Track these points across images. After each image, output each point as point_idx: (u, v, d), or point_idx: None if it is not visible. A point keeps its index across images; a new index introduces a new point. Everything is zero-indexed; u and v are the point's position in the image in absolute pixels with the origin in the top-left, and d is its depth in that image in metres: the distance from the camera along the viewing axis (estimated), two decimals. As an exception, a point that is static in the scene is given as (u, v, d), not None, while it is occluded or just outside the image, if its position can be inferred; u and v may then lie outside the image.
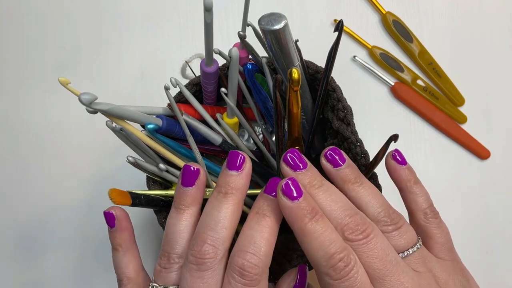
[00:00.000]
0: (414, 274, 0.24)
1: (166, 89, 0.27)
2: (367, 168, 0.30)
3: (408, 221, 0.28)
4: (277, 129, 0.28)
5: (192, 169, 0.27)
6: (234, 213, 0.25)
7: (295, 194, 0.24)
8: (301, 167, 0.26)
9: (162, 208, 0.31)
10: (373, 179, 0.31)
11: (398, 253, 0.25)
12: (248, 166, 0.26)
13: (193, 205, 0.27)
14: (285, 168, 0.26)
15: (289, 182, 0.24)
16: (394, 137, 0.26)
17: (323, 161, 0.28)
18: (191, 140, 0.29)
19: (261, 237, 0.24)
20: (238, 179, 0.26)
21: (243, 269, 0.23)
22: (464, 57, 0.51)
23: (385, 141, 0.28)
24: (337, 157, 0.27)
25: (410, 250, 0.25)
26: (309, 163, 0.27)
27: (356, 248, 0.24)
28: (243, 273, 0.23)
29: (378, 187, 0.31)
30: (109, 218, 0.29)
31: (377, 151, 0.29)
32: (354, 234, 0.24)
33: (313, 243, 0.24)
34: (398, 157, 0.29)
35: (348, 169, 0.27)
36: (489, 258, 0.48)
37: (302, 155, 0.27)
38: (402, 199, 0.30)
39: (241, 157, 0.26)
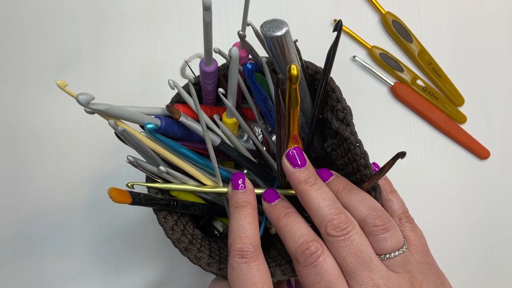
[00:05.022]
0: (386, 272, 0.26)
1: (190, 82, 0.28)
2: (369, 180, 0.30)
3: None
4: (279, 129, 0.28)
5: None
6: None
7: (273, 198, 0.30)
8: (300, 164, 0.29)
9: (162, 207, 0.31)
10: (376, 191, 0.31)
11: (383, 255, 0.27)
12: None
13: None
14: (286, 164, 0.29)
15: (267, 191, 0.31)
16: (401, 155, 0.26)
17: None
18: (207, 135, 0.29)
19: (247, 223, 0.28)
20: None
21: (242, 250, 0.27)
22: (464, 57, 0.51)
23: (392, 157, 0.27)
24: (324, 174, 0.31)
25: (393, 254, 0.27)
26: (308, 162, 0.29)
27: (334, 243, 0.26)
28: (242, 254, 0.27)
29: (379, 200, 0.31)
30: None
31: (383, 165, 0.29)
32: (335, 231, 0.26)
33: (286, 235, 0.28)
34: (376, 169, 0.32)
35: (335, 181, 0.31)
36: (489, 258, 0.48)
37: (304, 154, 0.29)
38: None
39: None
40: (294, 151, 0.29)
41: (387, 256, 0.27)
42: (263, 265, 0.28)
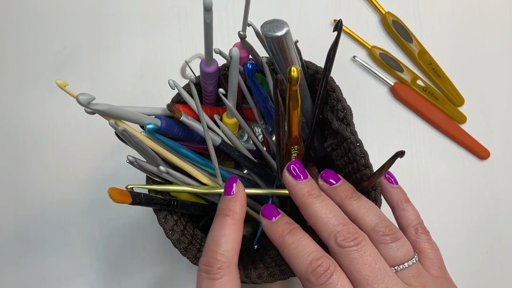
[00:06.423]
0: (402, 285, 0.25)
1: (191, 82, 0.27)
2: (369, 180, 0.30)
3: None
4: (278, 128, 0.28)
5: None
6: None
7: (273, 214, 0.29)
8: (302, 178, 0.28)
9: (162, 207, 0.31)
10: (376, 191, 0.31)
11: (394, 266, 0.25)
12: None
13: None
14: (288, 177, 0.28)
15: (266, 207, 0.29)
16: (401, 154, 0.26)
17: (320, 181, 0.29)
18: (207, 134, 0.29)
19: (222, 235, 0.27)
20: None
21: (207, 265, 0.26)
22: (464, 57, 0.51)
23: (391, 156, 0.27)
24: (331, 177, 0.30)
25: (406, 264, 0.26)
26: (309, 176, 0.29)
27: (347, 254, 0.25)
28: (207, 269, 0.26)
29: (378, 200, 0.31)
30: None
31: (382, 164, 0.29)
32: (346, 241, 0.25)
33: (292, 253, 0.26)
34: (390, 177, 0.32)
35: (343, 186, 0.29)
36: (489, 258, 0.48)
37: (304, 168, 0.29)
38: (394, 217, 0.31)
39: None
40: (295, 166, 0.28)
41: (399, 267, 0.26)
42: (230, 284, 0.25)
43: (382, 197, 0.31)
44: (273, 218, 0.28)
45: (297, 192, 0.28)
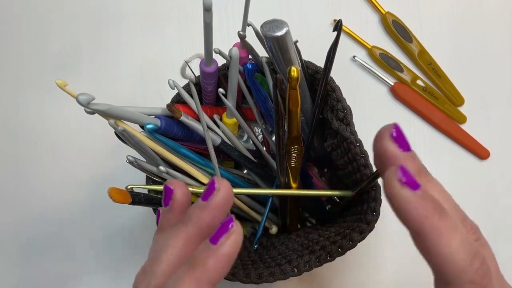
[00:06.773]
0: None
1: (191, 81, 0.27)
2: (369, 179, 0.30)
3: None
4: (278, 128, 0.28)
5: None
6: (179, 247, 0.21)
7: (417, 185, 0.18)
8: (408, 147, 0.20)
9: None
10: (376, 191, 0.31)
11: None
12: (219, 197, 0.21)
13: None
14: (392, 146, 0.20)
15: (402, 169, 0.19)
16: None
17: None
18: (207, 134, 0.29)
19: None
20: (202, 212, 0.21)
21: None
22: (464, 57, 0.51)
23: None
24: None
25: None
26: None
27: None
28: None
29: (378, 199, 0.30)
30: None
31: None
32: (472, 231, 0.21)
33: (450, 244, 0.18)
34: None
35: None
36: (489, 258, 0.48)
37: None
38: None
39: (214, 188, 0.21)
40: (399, 130, 0.20)
41: None
42: None
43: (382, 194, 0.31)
44: (418, 189, 0.19)
45: (408, 167, 0.19)
